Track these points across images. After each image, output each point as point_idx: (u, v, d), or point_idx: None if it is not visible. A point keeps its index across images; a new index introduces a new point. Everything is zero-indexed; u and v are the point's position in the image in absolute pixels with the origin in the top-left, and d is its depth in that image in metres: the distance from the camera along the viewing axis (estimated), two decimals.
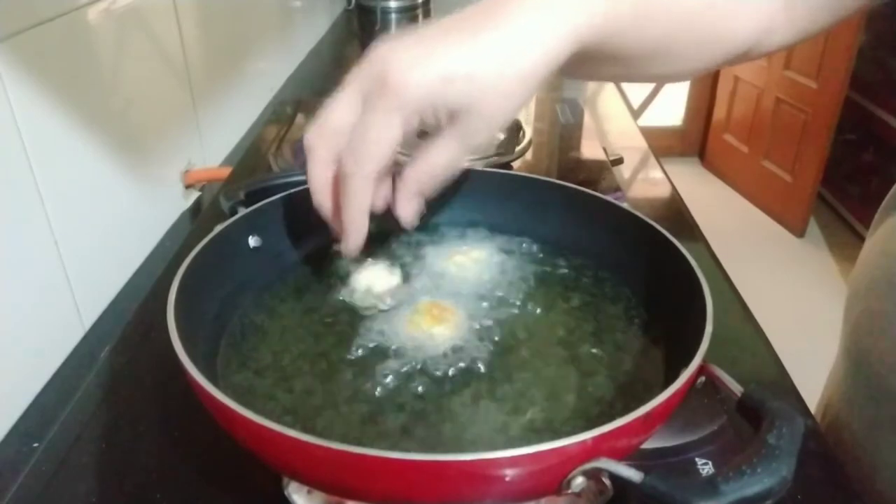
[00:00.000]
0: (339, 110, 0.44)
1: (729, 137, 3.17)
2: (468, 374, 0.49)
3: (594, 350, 0.52)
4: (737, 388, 0.42)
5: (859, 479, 0.55)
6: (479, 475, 0.37)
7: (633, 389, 0.49)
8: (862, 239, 0.69)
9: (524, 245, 0.65)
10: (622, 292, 0.59)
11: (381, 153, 0.42)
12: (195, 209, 0.99)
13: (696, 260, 0.52)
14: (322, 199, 0.47)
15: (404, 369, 0.49)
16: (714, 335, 0.44)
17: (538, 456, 0.36)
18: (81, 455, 0.55)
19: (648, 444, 0.45)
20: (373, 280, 0.58)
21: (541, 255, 0.64)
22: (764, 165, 2.93)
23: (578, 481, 0.38)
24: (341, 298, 0.57)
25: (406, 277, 0.60)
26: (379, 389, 0.48)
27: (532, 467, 0.37)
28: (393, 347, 0.52)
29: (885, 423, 0.60)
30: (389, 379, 0.49)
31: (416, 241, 0.65)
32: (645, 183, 1.06)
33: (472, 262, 0.62)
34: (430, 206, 0.49)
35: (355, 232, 0.46)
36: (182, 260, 0.51)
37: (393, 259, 0.62)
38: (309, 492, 0.48)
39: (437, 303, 0.55)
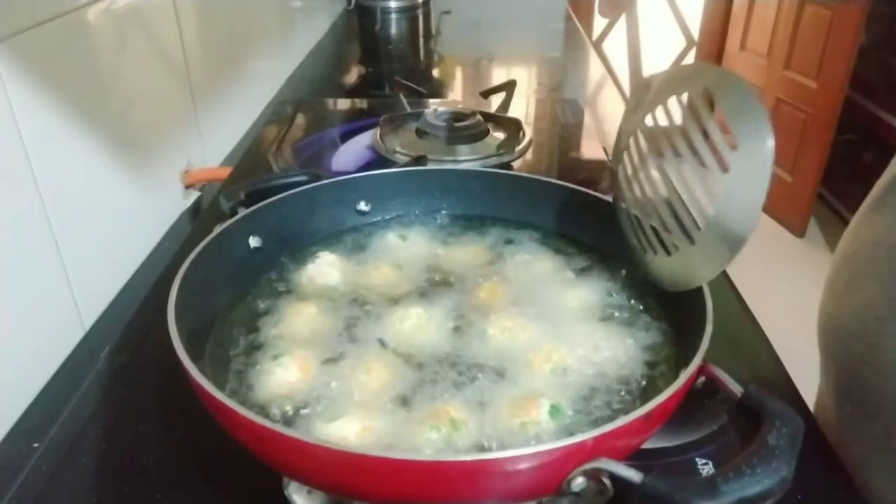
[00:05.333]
0: None
1: None
2: (471, 371, 0.50)
3: (593, 349, 0.52)
4: (737, 388, 0.42)
5: (854, 478, 0.55)
6: (480, 475, 0.37)
7: (632, 389, 0.49)
8: None
9: (524, 243, 0.65)
10: (622, 292, 0.59)
11: None
12: (195, 209, 0.99)
13: None
14: None
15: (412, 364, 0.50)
16: (714, 335, 0.44)
17: (538, 456, 0.36)
18: (81, 455, 0.55)
19: (648, 444, 0.45)
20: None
21: (540, 254, 0.64)
22: None
23: (578, 481, 0.38)
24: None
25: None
26: (388, 388, 0.48)
27: (532, 467, 0.37)
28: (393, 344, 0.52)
29: (869, 425, 0.60)
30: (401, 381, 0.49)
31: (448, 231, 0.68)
32: None
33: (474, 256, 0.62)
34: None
35: None
36: (182, 260, 0.51)
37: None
38: (309, 492, 0.48)
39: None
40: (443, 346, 0.52)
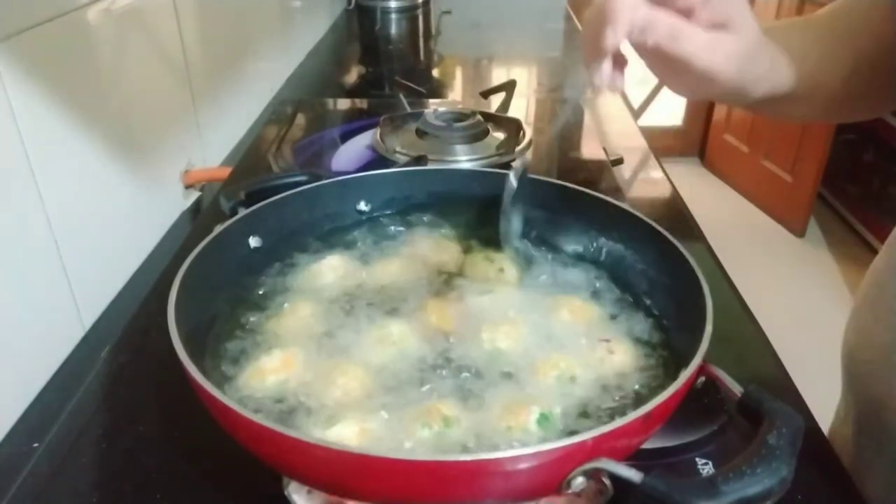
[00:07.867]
0: None
1: (729, 137, 3.16)
2: (458, 375, 0.50)
3: (594, 349, 0.52)
4: (737, 388, 0.42)
5: (856, 479, 0.55)
6: (480, 475, 0.37)
7: (631, 390, 0.49)
8: (862, 239, 0.68)
9: (524, 244, 0.65)
10: (622, 292, 0.58)
11: None
12: (195, 209, 0.99)
13: (696, 260, 0.52)
14: None
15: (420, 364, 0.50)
16: (714, 335, 0.44)
17: (538, 456, 0.36)
18: (81, 455, 0.55)
19: (648, 444, 0.45)
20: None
21: (540, 255, 0.63)
22: (764, 165, 2.93)
23: (578, 481, 0.38)
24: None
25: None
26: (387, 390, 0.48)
27: (532, 467, 0.37)
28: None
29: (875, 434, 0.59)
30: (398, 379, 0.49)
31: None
32: (645, 183, 1.06)
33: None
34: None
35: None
36: (182, 260, 0.51)
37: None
38: (309, 492, 0.48)
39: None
40: (443, 346, 0.52)
